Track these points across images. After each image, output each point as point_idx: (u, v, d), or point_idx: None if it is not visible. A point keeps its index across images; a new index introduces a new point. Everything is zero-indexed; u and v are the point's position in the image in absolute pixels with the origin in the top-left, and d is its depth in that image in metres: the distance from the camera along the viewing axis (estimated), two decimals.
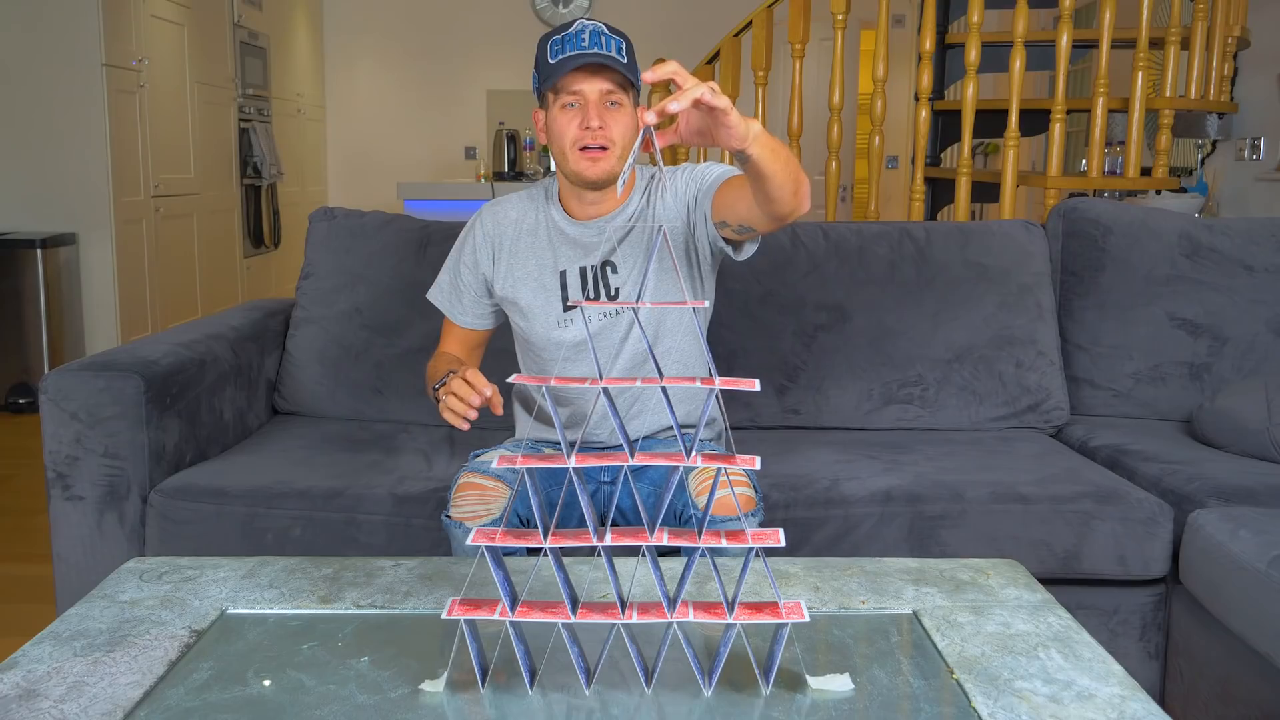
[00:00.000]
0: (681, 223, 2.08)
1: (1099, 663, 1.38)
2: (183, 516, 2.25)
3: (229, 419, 2.61)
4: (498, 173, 7.28)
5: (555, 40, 1.95)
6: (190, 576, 1.70)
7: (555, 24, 8.75)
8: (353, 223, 2.95)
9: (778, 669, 1.32)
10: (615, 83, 1.95)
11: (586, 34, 1.93)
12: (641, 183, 2.13)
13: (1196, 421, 2.62)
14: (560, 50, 1.93)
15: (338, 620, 1.55)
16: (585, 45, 1.92)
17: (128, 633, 1.48)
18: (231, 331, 2.72)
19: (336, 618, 1.56)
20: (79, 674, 1.35)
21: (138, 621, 1.52)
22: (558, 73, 1.92)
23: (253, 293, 7.32)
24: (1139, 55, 4.39)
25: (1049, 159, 4.44)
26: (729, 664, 1.35)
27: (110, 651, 1.42)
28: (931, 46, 4.62)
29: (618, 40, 1.96)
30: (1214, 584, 2.03)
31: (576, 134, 1.96)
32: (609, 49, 1.93)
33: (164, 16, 6.09)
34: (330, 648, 1.45)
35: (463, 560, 1.80)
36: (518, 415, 2.33)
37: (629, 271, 2.08)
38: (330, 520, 2.23)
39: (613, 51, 1.93)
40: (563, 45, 1.93)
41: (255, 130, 7.27)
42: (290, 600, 1.61)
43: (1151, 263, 2.87)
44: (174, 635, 1.48)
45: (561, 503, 1.69)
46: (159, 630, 1.49)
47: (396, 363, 2.79)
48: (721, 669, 1.32)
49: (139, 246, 5.82)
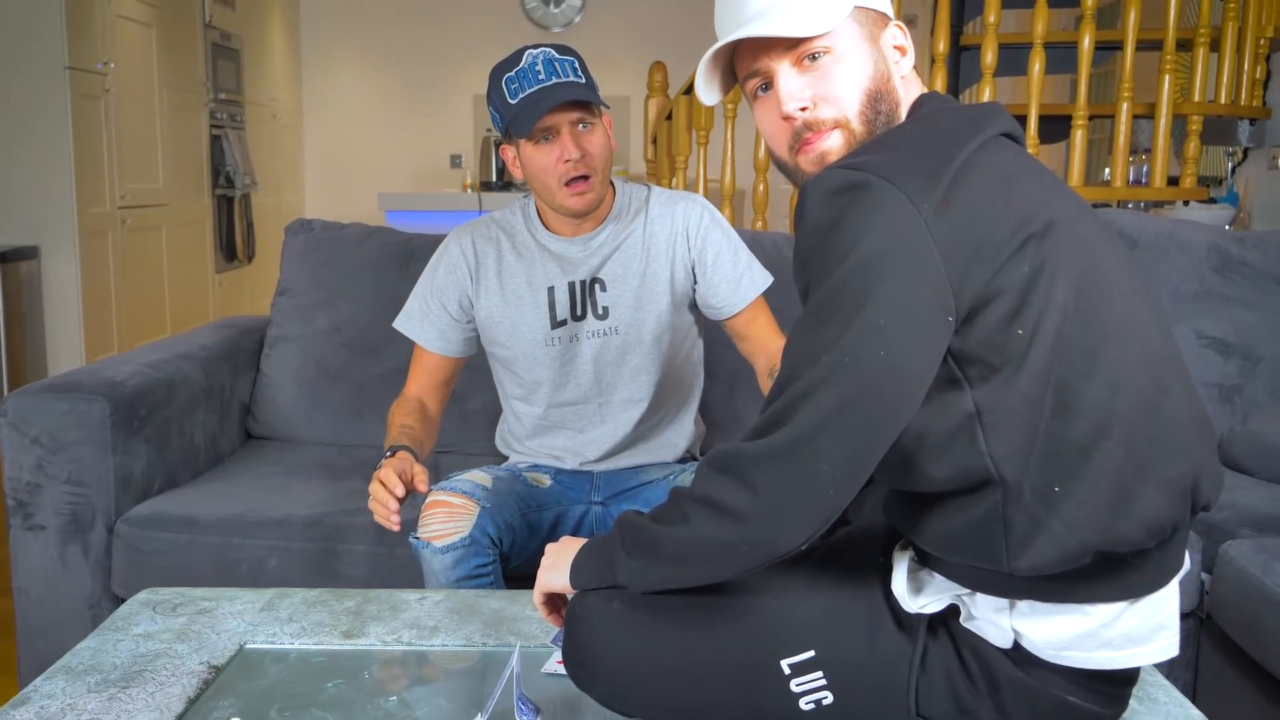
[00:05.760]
0: (665, 261, 2.15)
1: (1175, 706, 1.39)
2: (151, 547, 2.26)
3: (200, 444, 2.62)
4: (485, 182, 7.28)
5: (510, 77, 1.99)
6: (205, 609, 1.71)
7: (546, 24, 8.82)
8: (331, 235, 2.96)
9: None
10: (583, 108, 2.01)
11: (540, 65, 1.98)
12: (624, 198, 2.17)
13: (1227, 446, 2.63)
14: (519, 89, 1.98)
15: (362, 656, 1.55)
16: (542, 79, 1.97)
17: (143, 668, 1.49)
18: (203, 351, 2.73)
19: (361, 654, 1.56)
20: (94, 711, 1.37)
21: (153, 656, 1.53)
22: (530, 117, 1.96)
23: (225, 310, 7.32)
24: (1166, 57, 4.39)
25: (1070, 167, 4.45)
26: None
27: (126, 688, 1.43)
28: (946, 48, 4.63)
29: (570, 61, 2.01)
30: (1247, 619, 2.03)
31: (559, 169, 2.01)
32: (565, 74, 1.98)
33: (131, 16, 6.11)
34: (356, 685, 1.45)
35: (492, 594, 1.81)
36: (504, 452, 2.36)
37: (619, 292, 2.12)
38: (308, 551, 2.24)
39: (569, 76, 1.99)
40: (520, 83, 1.98)
41: (228, 137, 7.28)
42: (311, 635, 1.62)
43: (1179, 278, 2.88)
44: (192, 671, 1.49)
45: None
46: (176, 665, 1.50)
47: (378, 384, 2.80)
48: None
49: (104, 260, 5.82)
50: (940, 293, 1.17)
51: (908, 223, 1.17)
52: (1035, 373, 1.19)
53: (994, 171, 1.23)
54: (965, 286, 1.18)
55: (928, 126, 1.30)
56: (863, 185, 1.19)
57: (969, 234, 1.18)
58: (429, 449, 2.13)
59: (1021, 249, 1.19)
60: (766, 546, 1.21)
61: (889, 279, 1.17)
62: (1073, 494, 1.19)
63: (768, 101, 1.38)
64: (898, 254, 1.17)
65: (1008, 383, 1.20)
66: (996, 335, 1.20)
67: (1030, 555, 1.20)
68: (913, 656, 1.31)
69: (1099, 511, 1.19)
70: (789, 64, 1.34)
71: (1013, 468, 1.20)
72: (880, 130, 1.33)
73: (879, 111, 1.33)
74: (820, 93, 1.33)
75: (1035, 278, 1.19)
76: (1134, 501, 1.20)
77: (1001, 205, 1.21)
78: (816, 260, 1.21)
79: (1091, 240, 1.27)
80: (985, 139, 1.26)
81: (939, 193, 1.18)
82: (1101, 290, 1.23)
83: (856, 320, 1.17)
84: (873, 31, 1.35)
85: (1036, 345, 1.19)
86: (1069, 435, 1.19)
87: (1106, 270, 1.26)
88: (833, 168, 1.25)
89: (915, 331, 1.18)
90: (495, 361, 2.25)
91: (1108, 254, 1.28)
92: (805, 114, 1.34)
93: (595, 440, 2.22)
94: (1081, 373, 1.20)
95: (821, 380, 1.17)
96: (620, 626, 1.38)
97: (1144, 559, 1.23)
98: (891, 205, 1.18)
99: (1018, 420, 1.20)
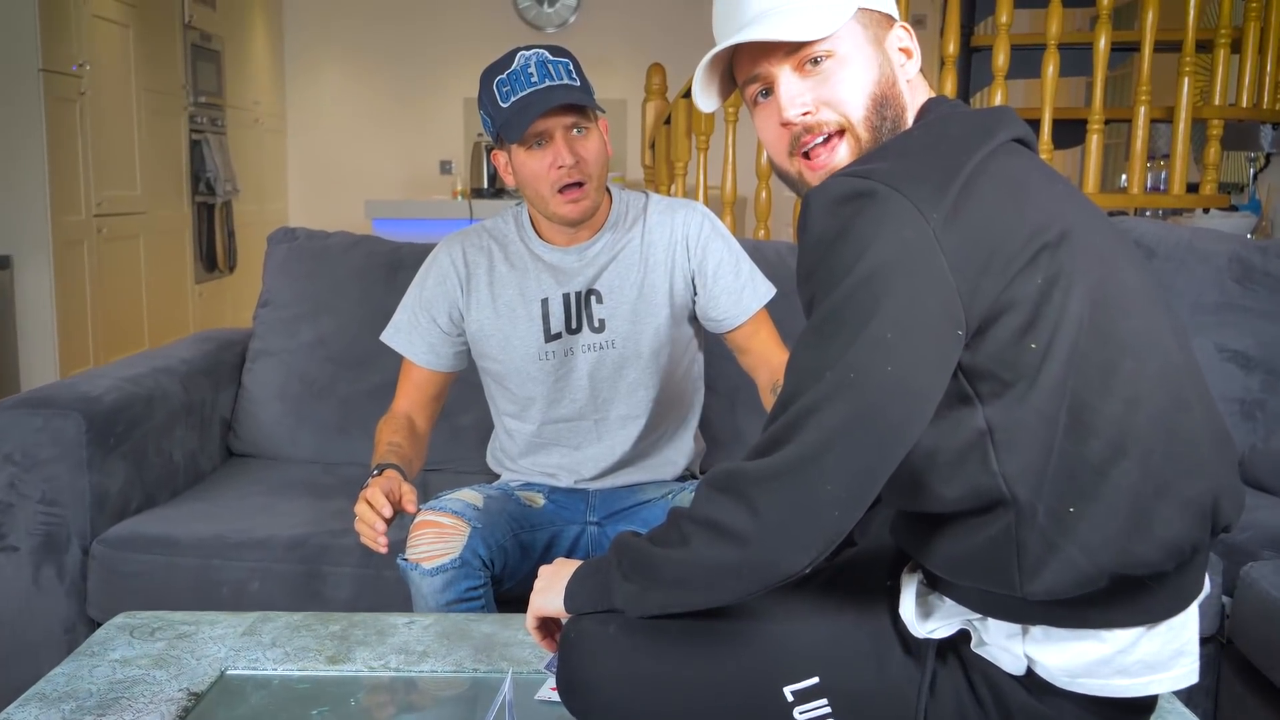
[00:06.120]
0: (663, 272, 2.16)
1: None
2: (129, 569, 2.26)
3: (179, 462, 2.62)
4: (476, 189, 7.26)
5: (501, 80, 1.99)
6: (185, 633, 1.71)
7: (540, 24, 8.84)
8: (316, 244, 2.97)
9: None
10: (578, 112, 2.01)
11: (533, 67, 1.98)
12: (621, 206, 2.17)
13: (1249, 464, 2.64)
14: (511, 92, 1.97)
15: (348, 683, 1.56)
16: (535, 81, 1.97)
17: (120, 695, 1.49)
18: (182, 365, 2.73)
19: (347, 680, 1.57)
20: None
21: (131, 683, 1.53)
22: (521, 121, 1.96)
23: (205, 322, 7.33)
24: (1185, 59, 4.40)
25: (1085, 174, 4.46)
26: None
27: (102, 716, 1.43)
28: (956, 50, 4.64)
29: (564, 63, 2.01)
30: (1270, 644, 2.04)
31: (552, 176, 2.01)
32: (559, 76, 1.98)
33: (107, 16, 6.12)
34: (342, 713, 1.46)
35: (483, 618, 1.81)
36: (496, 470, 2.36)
37: (616, 304, 2.13)
38: (292, 573, 2.24)
39: (563, 78, 1.98)
40: (511, 86, 1.98)
41: (208, 142, 7.29)
42: (295, 660, 1.62)
43: (1199, 289, 2.88)
44: (170, 698, 1.49)
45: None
46: (154, 693, 1.50)
47: (364, 400, 2.80)
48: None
49: (80, 271, 5.83)
50: (950, 306, 1.17)
51: (916, 233, 1.17)
52: (1049, 389, 1.19)
53: (1005, 179, 1.24)
54: (976, 299, 1.18)
55: (936, 132, 1.30)
56: (869, 194, 1.19)
57: (979, 244, 1.18)
58: (418, 468, 2.14)
59: (1034, 260, 1.19)
60: (769, 569, 1.22)
61: (896, 291, 1.17)
62: (1088, 515, 1.19)
63: (768, 107, 1.38)
64: (905, 265, 1.17)
65: (1020, 399, 1.20)
66: (1009, 350, 1.20)
67: (1044, 579, 1.20)
68: (921, 684, 1.31)
69: (1115, 533, 1.19)
70: (790, 68, 1.34)
71: (1026, 488, 1.20)
72: (886, 137, 1.33)
73: (884, 117, 1.33)
74: (822, 97, 1.33)
75: (1049, 290, 1.19)
76: (1152, 522, 1.20)
77: (1013, 214, 1.21)
78: (821, 272, 1.21)
79: (1107, 250, 1.27)
80: (996, 145, 1.26)
81: (948, 202, 1.18)
82: (1118, 302, 1.24)
83: (863, 335, 1.17)
84: (877, 34, 1.35)
85: (1050, 360, 1.19)
86: (1084, 454, 1.20)
87: (1123, 281, 1.26)
88: (837, 175, 1.25)
89: (924, 346, 1.18)
90: (487, 376, 2.25)
91: (1124, 264, 1.28)
92: (807, 118, 1.34)
93: (591, 458, 2.22)
94: (1097, 389, 1.20)
95: (826, 397, 1.18)
96: (616, 652, 1.38)
97: (1162, 582, 1.23)
98: (899, 215, 1.18)
99: (1031, 438, 1.20)
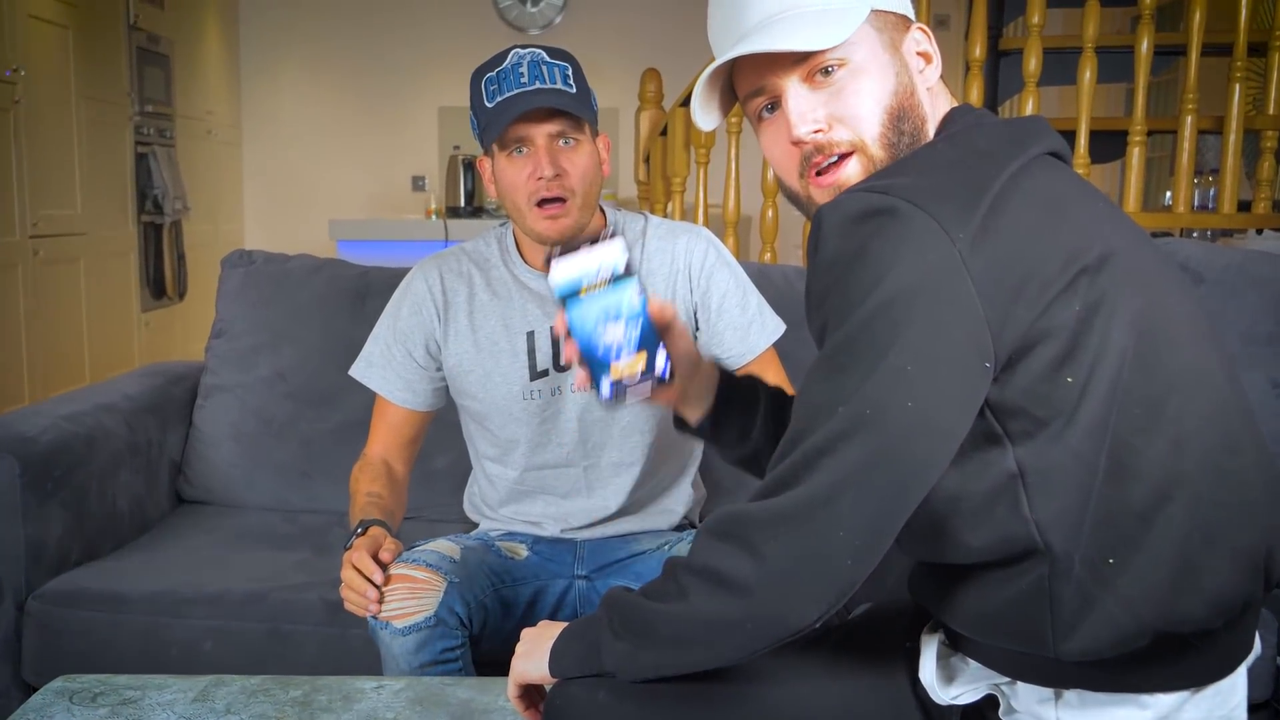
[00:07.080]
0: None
1: None
2: (68, 627, 2.26)
3: (124, 509, 2.62)
4: (452, 208, 7.24)
5: (490, 78, 1.99)
6: (130, 699, 1.71)
7: (522, 25, 8.86)
8: (275, 269, 2.98)
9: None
10: (566, 120, 2.00)
11: (525, 67, 1.97)
12: (615, 229, 2.16)
13: None
14: (498, 91, 1.97)
15: None
16: (525, 82, 1.96)
17: None
18: (127, 402, 2.73)
19: None
20: None
21: None
22: (499, 122, 1.96)
23: (153, 355, 7.33)
24: (1236, 64, 4.42)
25: (1126, 190, 4.45)
26: None
27: None
28: (983, 54, 4.65)
29: (561, 66, 2.00)
30: None
31: (530, 186, 2.00)
32: (553, 80, 1.97)
33: (44, 17, 6.13)
34: None
35: (460, 682, 1.81)
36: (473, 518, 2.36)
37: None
38: (249, 632, 2.24)
39: (557, 82, 1.97)
40: (499, 85, 1.97)
41: (156, 155, 7.30)
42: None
43: (1251, 317, 2.89)
44: None
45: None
46: None
47: (328, 440, 2.80)
48: None
49: (13, 298, 5.83)
50: (977, 335, 1.17)
51: (940, 255, 1.17)
52: (1088, 428, 1.19)
53: (1039, 196, 1.24)
54: (1006, 328, 1.18)
55: (961, 145, 1.30)
56: (889, 211, 1.18)
57: (1011, 268, 1.18)
58: (399, 519, 2.13)
59: (1072, 285, 1.19)
60: (775, 624, 1.21)
61: (918, 319, 1.16)
62: (1130, 566, 1.19)
63: (775, 124, 1.37)
64: (928, 291, 1.17)
65: (1056, 439, 1.20)
66: (1043, 384, 1.19)
67: (1080, 637, 1.20)
68: None
69: (1159, 586, 1.19)
70: (798, 80, 1.33)
71: (1061, 536, 1.20)
72: (904, 153, 1.32)
73: (902, 132, 1.32)
74: (835, 112, 1.32)
75: (1089, 318, 1.19)
76: (1200, 575, 1.19)
77: (1048, 235, 1.21)
78: (834, 297, 1.21)
79: (1151, 275, 1.27)
80: (1028, 159, 1.26)
81: (976, 221, 1.18)
82: (1163, 333, 1.23)
83: (880, 366, 1.16)
84: (893, 38, 1.35)
85: (1089, 396, 1.19)
86: (1126, 499, 1.19)
87: (1169, 309, 1.26)
88: (853, 190, 1.24)
89: (947, 380, 1.17)
90: (465, 415, 2.25)
91: (1170, 290, 1.28)
92: (819, 136, 1.33)
93: (581, 509, 2.21)
94: (1141, 428, 1.19)
95: (840, 435, 1.17)
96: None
97: (1209, 641, 1.23)
98: (921, 234, 1.17)
99: (1067, 482, 1.20)
